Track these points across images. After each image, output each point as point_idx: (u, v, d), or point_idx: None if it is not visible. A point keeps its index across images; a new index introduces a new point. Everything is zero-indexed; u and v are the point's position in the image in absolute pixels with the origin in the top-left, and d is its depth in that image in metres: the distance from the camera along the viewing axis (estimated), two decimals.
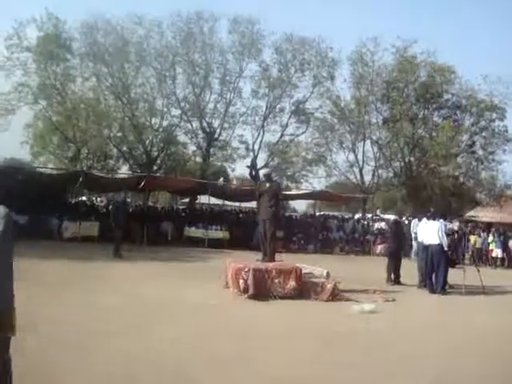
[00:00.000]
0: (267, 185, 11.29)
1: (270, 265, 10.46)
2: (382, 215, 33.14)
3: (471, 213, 36.39)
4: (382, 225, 27.99)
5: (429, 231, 12.35)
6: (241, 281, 9.94)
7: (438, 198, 33.28)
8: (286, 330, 7.57)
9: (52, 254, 14.58)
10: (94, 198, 36.42)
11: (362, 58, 33.42)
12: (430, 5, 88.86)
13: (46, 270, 11.82)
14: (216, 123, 33.34)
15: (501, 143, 32.90)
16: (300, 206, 52.05)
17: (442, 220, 12.39)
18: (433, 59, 32.54)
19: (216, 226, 23.80)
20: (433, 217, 12.72)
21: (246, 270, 10.00)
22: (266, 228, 11.10)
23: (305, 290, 10.20)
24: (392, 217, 36.31)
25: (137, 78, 31.72)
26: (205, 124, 32.98)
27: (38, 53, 29.64)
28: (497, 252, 21.58)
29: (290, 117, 34.10)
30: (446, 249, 12.10)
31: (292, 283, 10.06)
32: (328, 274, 11.11)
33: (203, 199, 32.02)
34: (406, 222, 20.07)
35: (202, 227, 23.42)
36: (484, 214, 35.46)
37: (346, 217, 33.61)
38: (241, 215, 30.06)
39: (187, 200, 36.07)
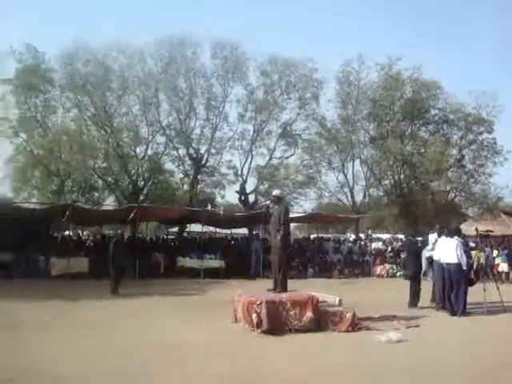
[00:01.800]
0: (276, 207, 10.48)
1: (284, 295, 9.66)
2: (374, 235, 32.47)
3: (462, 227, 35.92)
4: (379, 245, 27.45)
5: (446, 249, 11.64)
6: (254, 315, 9.11)
7: (430, 214, 32.90)
8: (316, 368, 6.80)
9: (39, 294, 13.70)
10: (79, 232, 35.27)
11: (348, 78, 33.12)
12: (413, 21, 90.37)
13: (33, 311, 10.95)
14: (203, 149, 32.80)
15: (490, 156, 32.57)
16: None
17: (457, 237, 11.71)
18: (418, 75, 32.36)
19: (210, 255, 22.93)
20: (449, 234, 12.02)
21: (259, 302, 9.19)
22: (277, 256, 10.31)
23: (322, 320, 9.43)
24: (385, 236, 36.33)
25: (120, 106, 31.09)
26: (191, 150, 32.35)
27: (17, 85, 28.86)
28: (503, 266, 21.03)
29: (278, 139, 33.65)
30: (464, 268, 11.39)
31: (309, 314, 9.28)
32: (340, 302, 10.38)
33: (193, 227, 31.26)
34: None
35: (196, 257, 22.51)
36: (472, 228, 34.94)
37: (342, 238, 32.94)
38: (233, 242, 29.25)
39: (175, 229, 35.19)
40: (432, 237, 13.61)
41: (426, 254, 13.42)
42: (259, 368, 6.85)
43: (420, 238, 14.44)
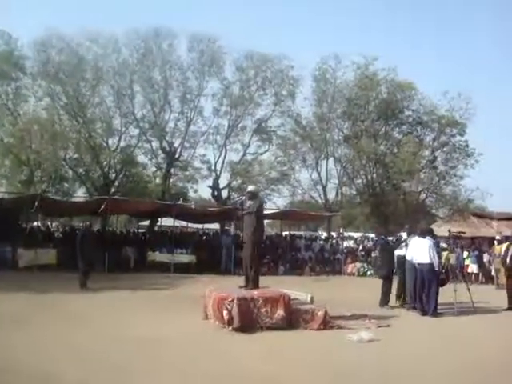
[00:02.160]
0: (250, 203, 10.32)
1: (256, 293, 9.52)
2: (345, 233, 32.57)
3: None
4: (351, 243, 27.56)
5: (418, 249, 11.66)
6: (224, 312, 8.96)
7: (401, 214, 33.20)
8: (287, 368, 6.68)
9: (6, 286, 13.25)
10: (48, 224, 34.59)
11: (324, 75, 33.13)
12: (390, 22, 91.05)
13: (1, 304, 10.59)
14: (177, 143, 32.55)
15: (462, 158, 33.00)
16: None
17: (430, 237, 11.73)
18: (393, 76, 32.59)
19: (181, 250, 22.66)
20: (421, 234, 12.04)
21: (230, 299, 9.04)
22: (249, 252, 10.17)
23: (294, 318, 9.33)
24: (357, 234, 36.56)
25: (93, 96, 30.59)
26: (165, 144, 32.04)
27: None
28: (472, 268, 21.29)
29: (252, 135, 33.56)
30: (437, 268, 11.41)
31: (280, 312, 9.16)
32: (312, 299, 10.31)
33: (164, 221, 30.95)
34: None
35: (166, 251, 22.23)
36: (445, 229, 35.34)
37: (314, 236, 33.01)
38: (204, 237, 29.03)
39: (147, 223, 34.78)
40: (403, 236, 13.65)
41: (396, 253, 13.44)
42: (230, 367, 6.70)
43: (391, 238, 14.40)
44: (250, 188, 11.04)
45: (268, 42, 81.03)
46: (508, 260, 12.65)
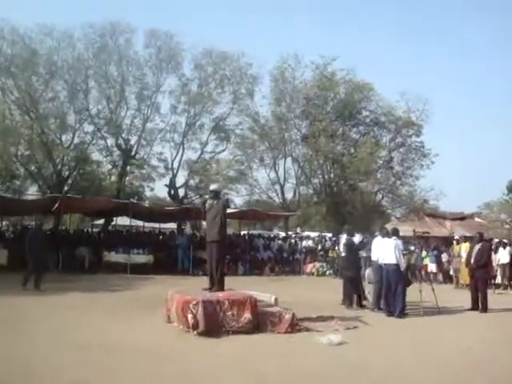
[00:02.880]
0: (214, 202, 9.99)
1: (221, 295, 9.19)
2: (302, 233, 32.51)
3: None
4: (310, 243, 27.51)
5: (384, 250, 11.57)
6: (189, 315, 8.58)
7: (357, 214, 33.45)
8: (257, 374, 6.39)
9: None
10: None
11: (283, 75, 33.01)
12: (349, 22, 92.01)
13: None
14: (133, 140, 31.83)
15: (417, 158, 33.45)
16: None
17: (395, 237, 11.67)
18: (352, 76, 32.75)
19: (138, 250, 22.11)
20: (387, 234, 11.97)
21: (195, 302, 8.68)
22: (213, 252, 9.84)
23: (261, 321, 9.04)
24: (314, 234, 36.57)
25: (46, 91, 29.54)
26: (121, 141, 31.27)
27: None
28: (431, 267, 21.49)
29: (210, 134, 33.18)
30: (402, 269, 11.35)
31: (247, 315, 8.86)
32: (276, 301, 10.06)
33: (119, 220, 30.25)
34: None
35: (122, 251, 21.64)
36: (402, 229, 35.86)
37: (272, 235, 32.87)
38: (161, 237, 28.49)
39: (101, 222, 33.91)
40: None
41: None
42: (196, 374, 6.37)
43: (356, 238, 14.28)
44: (213, 187, 10.74)
45: (227, 40, 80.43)
46: (472, 260, 12.72)
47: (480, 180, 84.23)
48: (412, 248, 13.68)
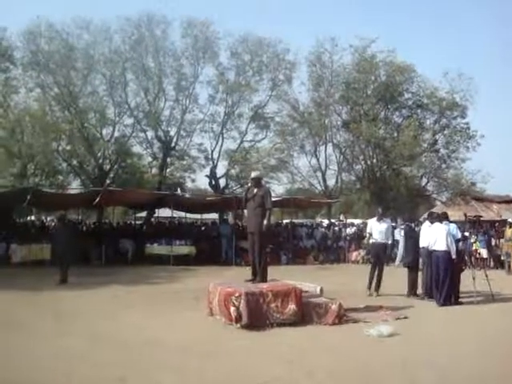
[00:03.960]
0: (255, 190, 9.61)
1: (264, 286, 8.86)
2: (345, 220, 31.88)
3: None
4: (353, 230, 26.90)
5: (434, 235, 11.00)
6: (232, 308, 8.30)
7: (403, 199, 32.67)
8: (306, 369, 6.04)
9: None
10: (43, 218, 33.88)
11: (320, 59, 32.34)
12: (389, 3, 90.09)
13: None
14: (172, 131, 31.62)
15: (463, 141, 32.36)
16: None
17: (446, 222, 11.07)
18: (392, 58, 31.84)
19: (180, 241, 22.01)
20: (438, 219, 11.37)
21: (237, 294, 8.39)
22: (256, 244, 9.49)
23: (306, 313, 8.68)
24: (357, 221, 35.88)
25: (85, 86, 29.67)
26: (160, 133, 31.15)
27: None
28: (482, 252, 20.60)
29: (250, 122, 32.71)
30: (454, 256, 10.76)
31: (291, 306, 8.51)
32: (322, 291, 9.67)
33: (161, 212, 30.29)
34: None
35: (165, 243, 21.58)
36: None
37: (315, 224, 32.38)
38: (203, 228, 28.36)
39: (143, 214, 34.08)
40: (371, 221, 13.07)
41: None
42: (245, 370, 6.07)
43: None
44: (254, 174, 10.25)
45: (263, 26, 79.66)
46: None
47: None
48: (467, 234, 13.00)
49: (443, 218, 11.38)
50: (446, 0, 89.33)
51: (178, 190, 30.19)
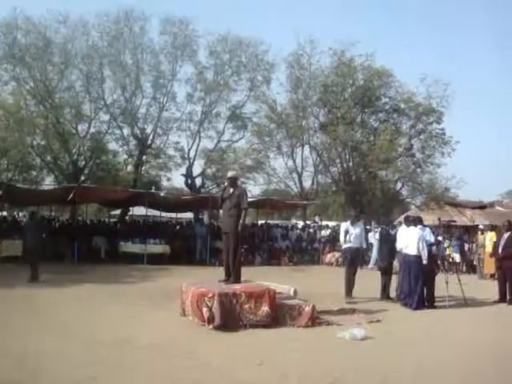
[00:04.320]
0: (231, 190, 9.55)
1: (238, 287, 8.80)
2: (320, 222, 31.97)
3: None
4: (328, 232, 27.00)
5: (407, 239, 11.06)
6: (204, 309, 8.23)
7: (378, 203, 32.91)
8: (278, 373, 6.00)
9: None
10: (15, 214, 33.31)
11: (299, 61, 32.39)
12: (368, 7, 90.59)
13: None
14: (149, 129, 31.33)
15: (438, 146, 32.67)
16: None
17: (421, 226, 11.14)
18: (370, 62, 32.00)
19: (155, 240, 21.79)
20: (413, 223, 11.42)
21: (210, 295, 8.32)
22: (229, 243, 9.42)
23: (279, 315, 8.65)
24: (331, 223, 36.02)
25: (61, 81, 29.23)
26: (137, 130, 30.86)
27: None
28: (455, 257, 20.80)
29: (227, 122, 32.62)
30: (425, 261, 10.82)
31: (265, 308, 8.47)
32: (296, 293, 9.66)
33: (136, 211, 30.02)
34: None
35: (139, 242, 21.34)
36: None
37: (290, 225, 32.42)
38: (178, 227, 28.16)
39: (117, 212, 33.71)
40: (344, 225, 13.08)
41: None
42: (217, 373, 6.01)
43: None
44: (230, 173, 10.19)
45: (242, 26, 79.57)
46: (500, 250, 12.13)
47: (502, 168, 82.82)
48: (440, 238, 13.09)
49: (418, 221, 11.44)
50: (425, 5, 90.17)
51: (153, 188, 29.94)
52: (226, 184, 9.81)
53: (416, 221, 11.55)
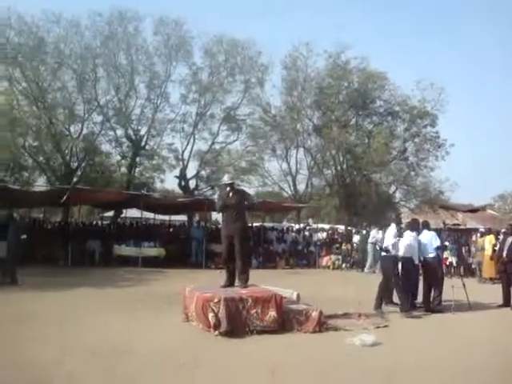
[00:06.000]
0: (230, 194, 9.35)
1: (244, 292, 8.58)
2: (315, 225, 31.82)
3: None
4: (324, 235, 26.87)
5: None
6: (210, 314, 7.98)
7: (372, 206, 32.80)
8: (290, 381, 5.79)
9: None
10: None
11: (295, 63, 32.29)
12: (363, 10, 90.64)
13: None
14: (143, 130, 31.19)
15: (432, 149, 32.67)
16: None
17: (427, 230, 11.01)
18: (365, 65, 31.97)
19: (149, 243, 21.52)
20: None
21: (216, 300, 8.08)
22: (235, 246, 9.17)
23: (286, 320, 8.43)
24: (326, 226, 35.88)
25: (54, 81, 28.88)
26: (130, 131, 30.66)
27: None
28: (452, 260, 20.70)
29: (221, 124, 32.50)
30: (416, 262, 10.79)
31: (272, 313, 8.24)
32: (298, 297, 9.44)
33: (129, 213, 29.71)
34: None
35: (133, 244, 21.05)
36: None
37: (286, 228, 32.26)
38: (171, 229, 27.87)
39: (111, 214, 33.33)
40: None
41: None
42: (221, 380, 5.80)
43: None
44: (229, 179, 9.90)
45: (238, 28, 79.21)
46: (505, 254, 11.97)
47: (495, 171, 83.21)
48: (447, 243, 12.94)
49: (425, 226, 11.32)
50: (419, 9, 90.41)
51: (144, 189, 29.65)
52: (227, 189, 9.51)
53: (428, 225, 11.46)
